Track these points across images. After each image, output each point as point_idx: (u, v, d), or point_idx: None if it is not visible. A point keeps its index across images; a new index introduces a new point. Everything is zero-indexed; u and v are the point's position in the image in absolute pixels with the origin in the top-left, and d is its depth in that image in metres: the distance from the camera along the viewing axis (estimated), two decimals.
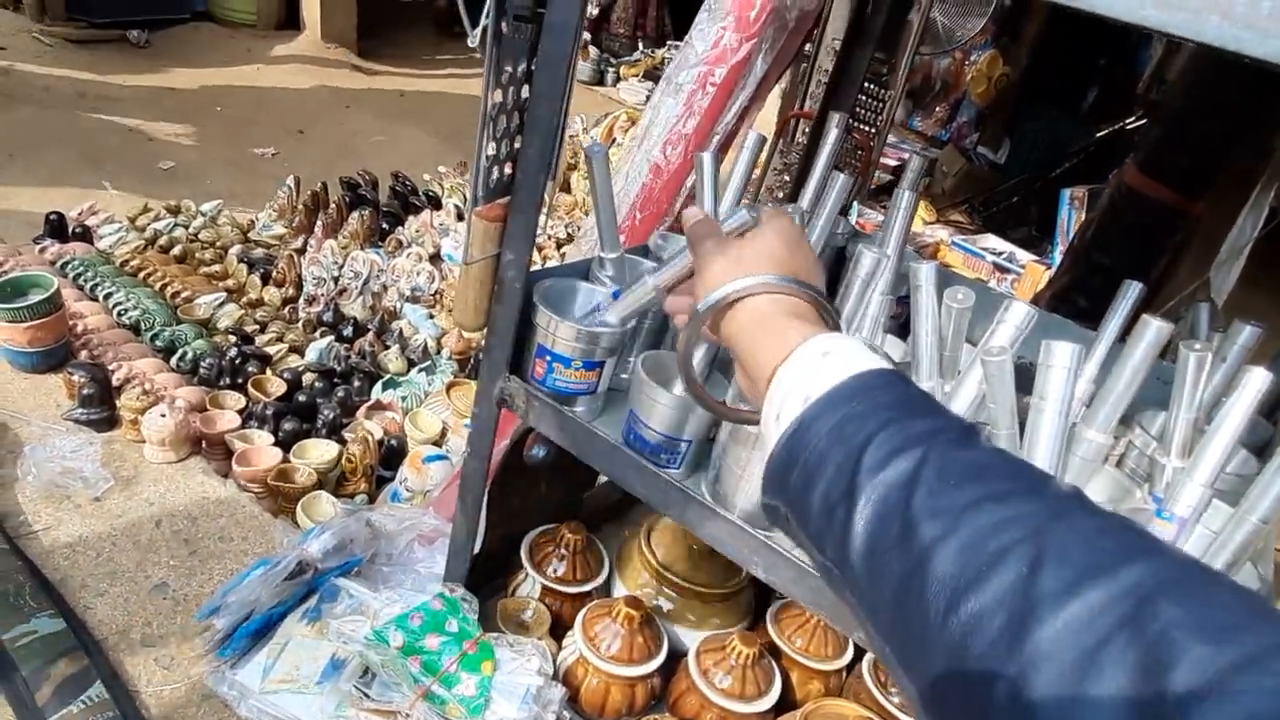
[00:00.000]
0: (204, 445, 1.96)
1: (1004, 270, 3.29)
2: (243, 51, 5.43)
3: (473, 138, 0.95)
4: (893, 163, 4.38)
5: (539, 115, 0.95)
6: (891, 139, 4.78)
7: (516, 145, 1.01)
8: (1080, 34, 4.54)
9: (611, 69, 6.29)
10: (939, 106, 4.76)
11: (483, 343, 1.16)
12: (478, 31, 0.87)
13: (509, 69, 0.92)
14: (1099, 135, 4.26)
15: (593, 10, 4.77)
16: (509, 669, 1.23)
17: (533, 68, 0.95)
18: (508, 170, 1.02)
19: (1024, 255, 3.42)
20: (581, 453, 1.08)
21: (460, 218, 3.17)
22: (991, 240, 3.58)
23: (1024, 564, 0.42)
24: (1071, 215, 3.58)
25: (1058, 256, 3.71)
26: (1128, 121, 4.31)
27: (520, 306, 1.07)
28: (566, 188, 3.62)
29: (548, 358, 1.08)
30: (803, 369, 0.60)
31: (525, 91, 0.98)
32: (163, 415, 1.83)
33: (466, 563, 1.32)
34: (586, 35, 4.90)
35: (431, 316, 2.63)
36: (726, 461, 0.99)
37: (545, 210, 1.04)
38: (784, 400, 0.60)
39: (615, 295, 1.06)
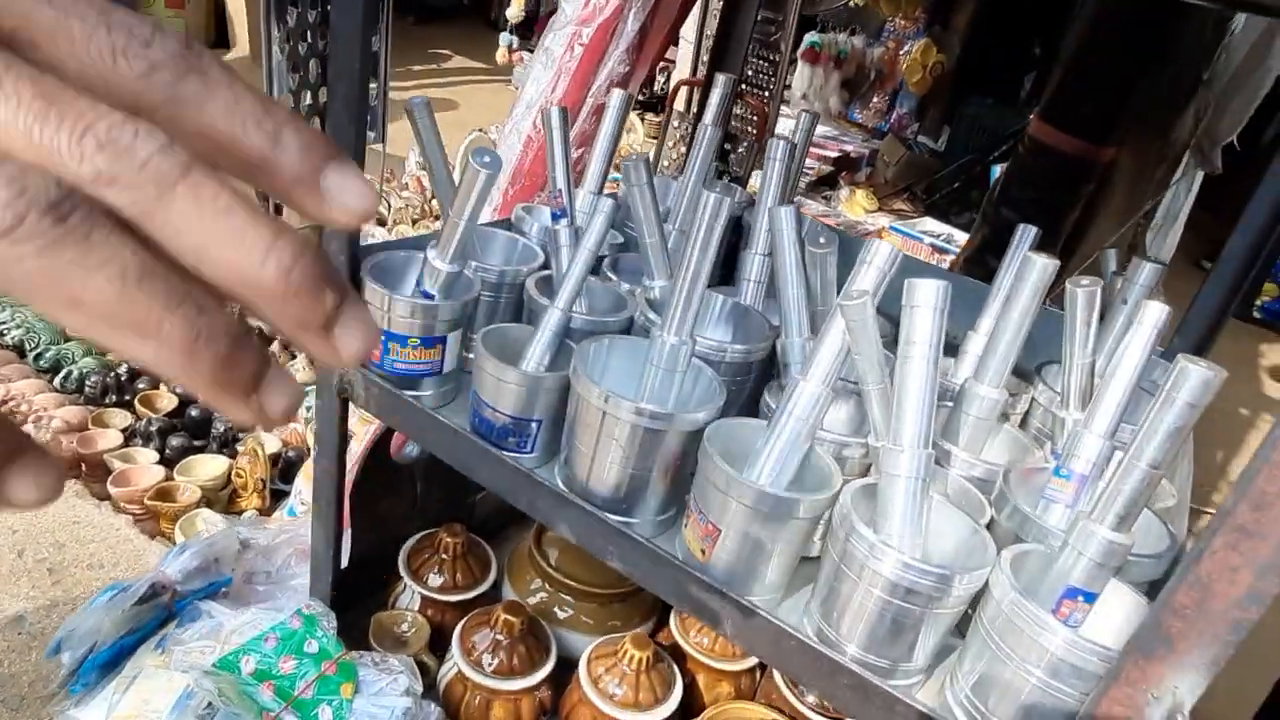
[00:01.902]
0: (83, 468, 1.82)
1: (942, 251, 3.23)
2: None
3: (404, 140, 0.84)
4: (832, 154, 4.32)
5: (339, 61, 0.84)
6: (832, 131, 4.73)
7: (324, 100, 0.90)
8: (1011, 18, 4.53)
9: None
10: (876, 97, 4.71)
11: None
12: None
13: (296, 9, 0.81)
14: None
15: (520, 13, 4.67)
16: (373, 690, 1.10)
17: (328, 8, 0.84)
18: (316, 127, 0.90)
19: (961, 235, 3.36)
20: (425, 441, 0.97)
21: (380, 223, 3.05)
22: (930, 223, 3.52)
23: None
24: None
25: None
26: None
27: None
28: None
29: (382, 338, 0.96)
30: None
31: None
32: None
33: (329, 575, 1.20)
34: (514, 39, 4.79)
35: None
36: (574, 443, 0.88)
37: (384, 175, 0.93)
38: None
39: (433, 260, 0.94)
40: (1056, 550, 0.75)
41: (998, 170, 3.53)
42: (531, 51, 5.70)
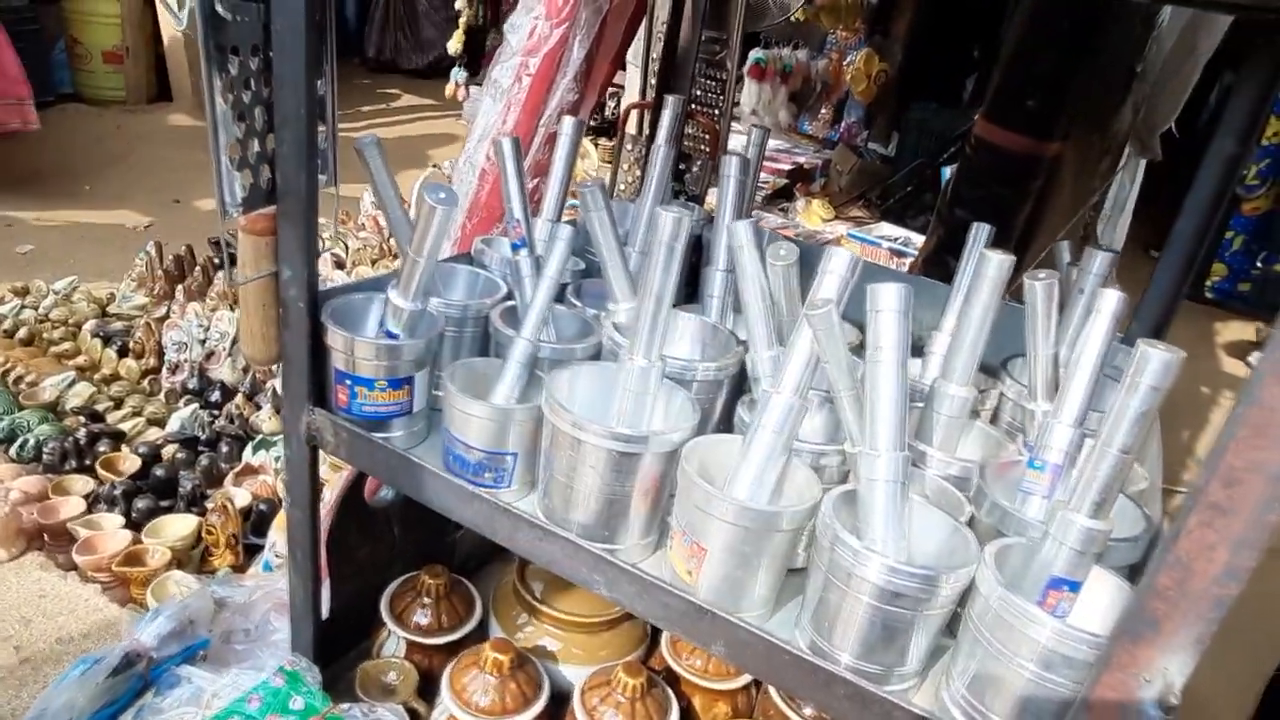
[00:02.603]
0: (46, 538, 1.76)
1: (900, 254, 3.28)
2: (112, 129, 5.20)
3: (359, 181, 0.83)
4: (786, 166, 4.37)
5: (285, 107, 0.84)
6: (784, 144, 4.79)
7: (271, 146, 0.89)
8: (949, 24, 4.63)
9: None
10: (824, 108, 4.79)
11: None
12: (183, 12, 0.75)
13: (235, 56, 0.80)
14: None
15: (459, 46, 4.67)
16: None
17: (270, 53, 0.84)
18: (266, 175, 0.89)
19: (918, 238, 3.41)
20: (398, 483, 0.95)
21: (340, 265, 3.02)
22: (886, 228, 3.57)
23: None
24: None
25: None
26: None
27: (310, 329, 0.95)
28: None
29: (348, 382, 0.95)
30: None
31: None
32: None
33: (310, 627, 1.17)
34: (464, 74, 4.80)
35: None
36: (552, 473, 0.87)
37: (337, 218, 0.92)
38: None
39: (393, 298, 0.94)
40: (1038, 542, 0.75)
41: (949, 172, 3.60)
42: (480, 85, 5.72)
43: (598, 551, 0.84)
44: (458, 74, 4.90)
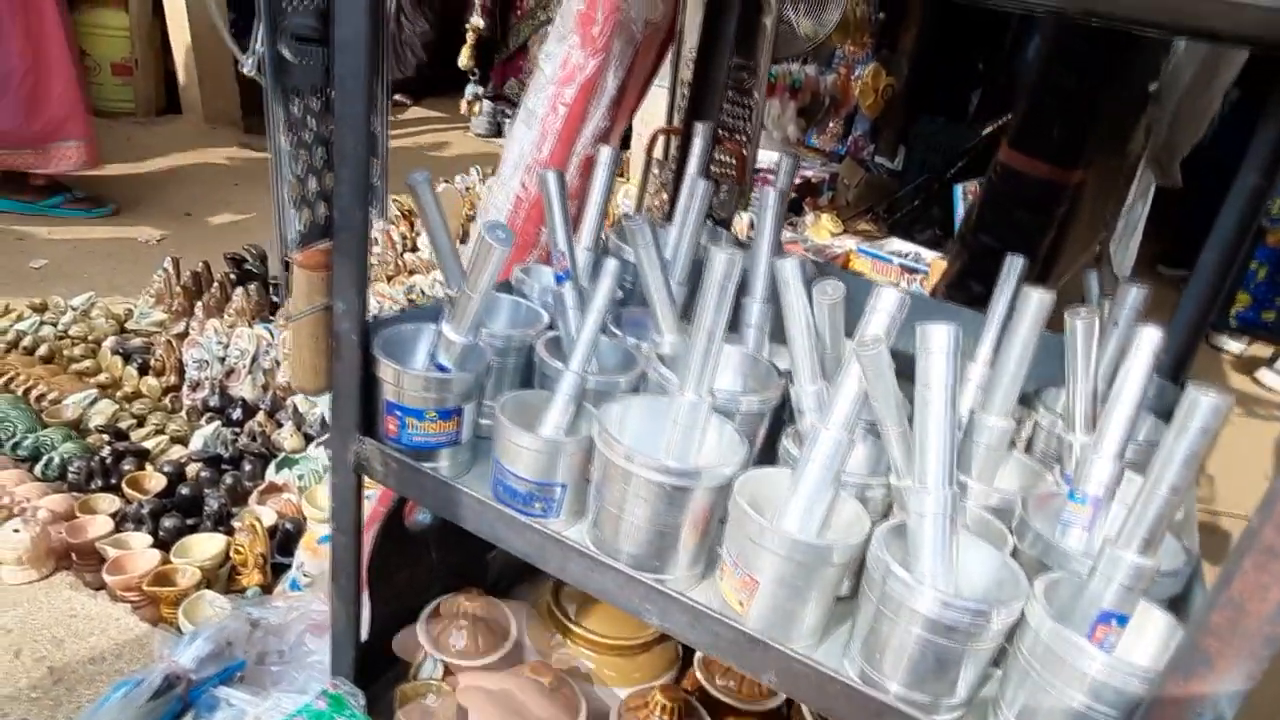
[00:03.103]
0: (74, 557, 1.77)
1: (912, 270, 3.30)
2: (123, 141, 5.22)
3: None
4: (795, 180, 4.40)
5: (345, 146, 0.86)
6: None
7: (329, 183, 0.91)
8: (957, 40, 4.68)
9: (509, 120, 6.25)
10: (832, 122, 4.82)
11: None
12: (251, 58, 0.77)
13: (298, 98, 0.83)
14: (986, 133, 4.35)
15: (469, 62, 4.71)
16: None
17: (331, 94, 0.86)
18: (323, 211, 0.91)
19: (929, 254, 3.44)
20: (448, 512, 0.97)
21: None
22: (896, 243, 3.60)
23: None
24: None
25: None
26: (1010, 117, 4.42)
27: (361, 361, 0.97)
28: (465, 239, 3.52)
29: (398, 413, 0.97)
30: None
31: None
32: (16, 530, 1.65)
33: (352, 651, 1.18)
34: (479, 89, 4.84)
35: None
36: (603, 504, 0.89)
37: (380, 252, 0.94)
38: None
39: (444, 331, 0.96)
40: (1085, 576, 0.77)
41: (959, 189, 3.62)
42: (490, 100, 5.74)
43: (650, 582, 0.86)
44: (473, 89, 4.94)
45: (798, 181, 4.50)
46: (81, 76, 3.63)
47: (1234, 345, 3.95)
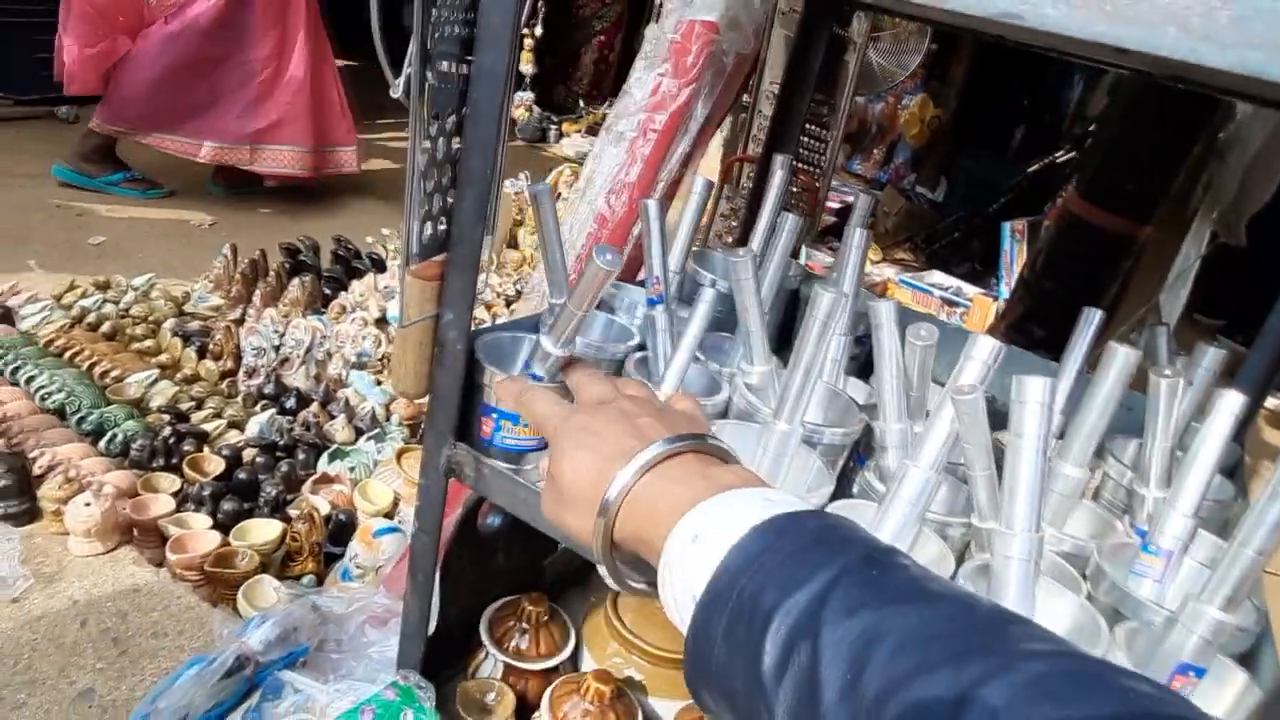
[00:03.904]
0: (136, 533, 1.83)
1: (952, 304, 3.32)
2: None
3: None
4: (835, 205, 4.43)
5: (472, 167, 0.90)
6: (834, 183, 4.86)
7: (450, 200, 0.96)
8: (1004, 75, 4.70)
9: (554, 126, 6.32)
10: (876, 149, 4.86)
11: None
12: (401, 81, 0.82)
13: (436, 121, 0.87)
14: (1030, 170, 4.38)
15: (530, 68, 4.82)
16: None
17: (463, 118, 0.90)
18: (442, 226, 0.96)
19: (970, 289, 3.46)
20: (531, 517, 1.01)
21: None
22: (937, 276, 3.62)
23: None
24: (1014, 247, 3.65)
25: (1004, 289, 3.76)
26: (1056, 156, 4.44)
27: (463, 369, 1.01)
28: (514, 244, 3.57)
29: (494, 415, 1.01)
30: (679, 562, 0.54)
31: (456, 143, 0.93)
32: (87, 504, 1.70)
33: (421, 646, 1.22)
34: (529, 94, 4.94)
35: (379, 383, 2.53)
36: None
37: (485, 266, 0.99)
38: (677, 605, 0.54)
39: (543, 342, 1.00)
40: (1162, 627, 0.80)
41: (1008, 227, 3.64)
42: (538, 106, 5.82)
43: None
44: (523, 94, 5.02)
45: (838, 206, 4.54)
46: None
47: (1272, 401, 3.94)
